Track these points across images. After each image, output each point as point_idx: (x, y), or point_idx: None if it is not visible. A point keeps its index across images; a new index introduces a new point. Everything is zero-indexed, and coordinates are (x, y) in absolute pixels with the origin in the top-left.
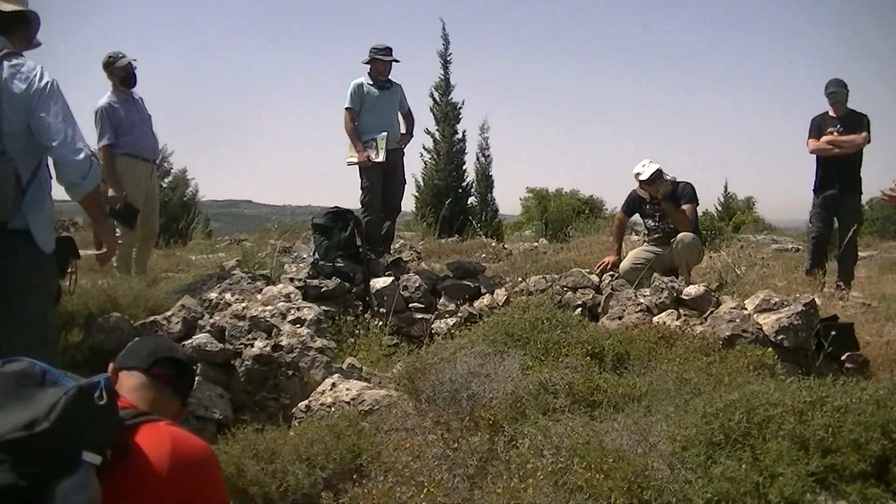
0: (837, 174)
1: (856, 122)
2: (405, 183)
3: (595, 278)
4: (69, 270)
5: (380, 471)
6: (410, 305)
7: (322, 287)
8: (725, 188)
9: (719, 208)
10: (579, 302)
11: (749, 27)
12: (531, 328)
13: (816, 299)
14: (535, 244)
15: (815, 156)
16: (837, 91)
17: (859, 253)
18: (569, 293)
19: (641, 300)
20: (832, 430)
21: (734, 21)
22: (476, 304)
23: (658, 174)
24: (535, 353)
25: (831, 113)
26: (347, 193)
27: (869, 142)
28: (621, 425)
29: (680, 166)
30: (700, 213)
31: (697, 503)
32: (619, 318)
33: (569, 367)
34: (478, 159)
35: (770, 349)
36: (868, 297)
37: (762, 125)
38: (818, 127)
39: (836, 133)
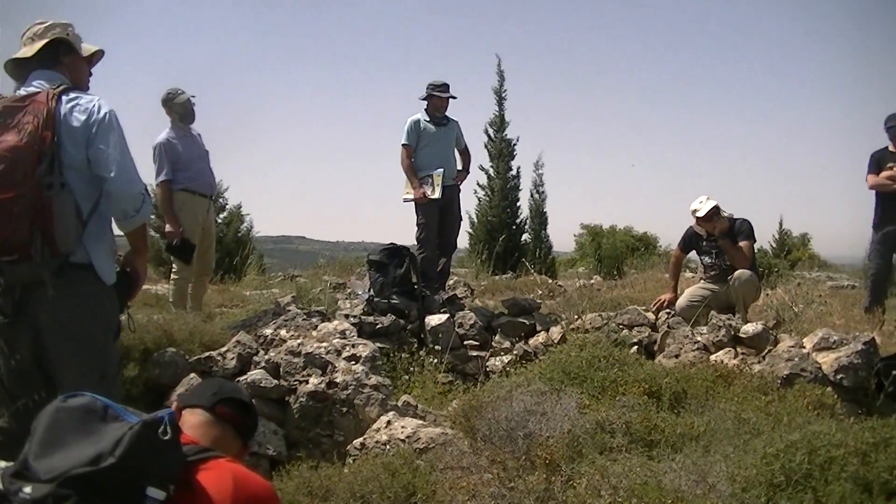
0: None
1: None
2: (461, 219)
3: (651, 316)
4: (129, 304)
5: None
6: (465, 343)
7: (377, 324)
8: (780, 224)
9: (774, 245)
10: (635, 340)
11: (803, 65)
12: (588, 366)
13: (876, 337)
14: (592, 281)
15: (874, 191)
16: None
17: None
18: (625, 331)
19: (698, 338)
20: None
21: (790, 58)
22: (531, 341)
23: (715, 211)
24: (592, 391)
25: (891, 148)
26: (403, 230)
27: None
28: (680, 465)
29: (735, 203)
30: (756, 250)
31: None
32: (676, 356)
33: (626, 405)
34: (532, 196)
35: (829, 388)
36: None
37: (819, 160)
38: (878, 162)
39: None
